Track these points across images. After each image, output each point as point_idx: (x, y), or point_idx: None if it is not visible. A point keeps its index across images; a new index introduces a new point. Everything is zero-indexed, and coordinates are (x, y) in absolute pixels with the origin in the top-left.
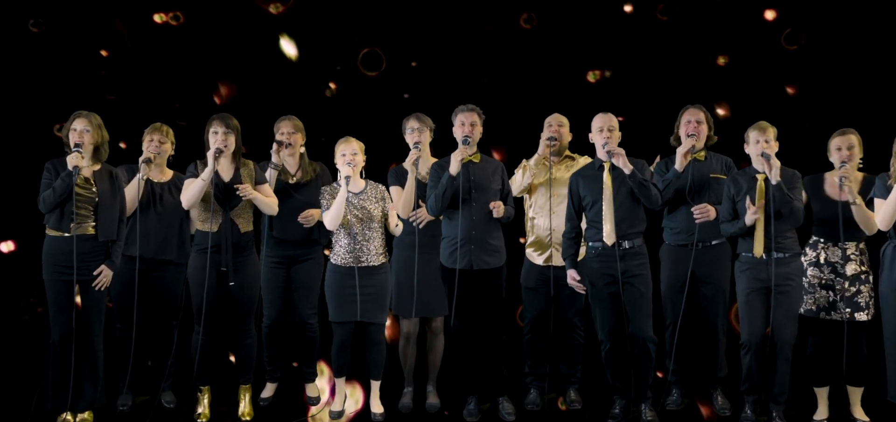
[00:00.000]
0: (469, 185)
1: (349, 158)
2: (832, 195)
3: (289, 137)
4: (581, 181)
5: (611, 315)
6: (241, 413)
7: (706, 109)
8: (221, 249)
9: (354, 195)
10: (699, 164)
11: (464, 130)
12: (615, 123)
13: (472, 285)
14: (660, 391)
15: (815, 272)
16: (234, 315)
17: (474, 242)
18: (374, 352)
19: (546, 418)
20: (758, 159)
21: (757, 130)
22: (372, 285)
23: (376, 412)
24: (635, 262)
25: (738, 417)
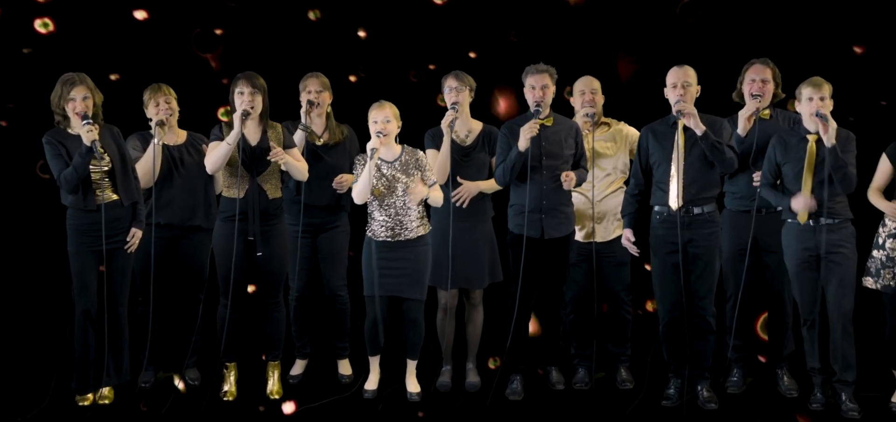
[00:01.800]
0: (540, 152)
1: (380, 126)
2: None
3: (317, 96)
4: (651, 138)
5: (672, 287)
6: (270, 391)
7: (773, 63)
8: (248, 216)
9: (387, 164)
10: (764, 124)
11: (534, 95)
12: (692, 77)
13: (541, 254)
14: (719, 370)
15: (894, 244)
16: (263, 287)
17: (545, 211)
18: (411, 330)
19: (595, 397)
20: (810, 119)
21: (811, 86)
22: (409, 259)
23: (412, 392)
24: (705, 230)
25: (807, 399)
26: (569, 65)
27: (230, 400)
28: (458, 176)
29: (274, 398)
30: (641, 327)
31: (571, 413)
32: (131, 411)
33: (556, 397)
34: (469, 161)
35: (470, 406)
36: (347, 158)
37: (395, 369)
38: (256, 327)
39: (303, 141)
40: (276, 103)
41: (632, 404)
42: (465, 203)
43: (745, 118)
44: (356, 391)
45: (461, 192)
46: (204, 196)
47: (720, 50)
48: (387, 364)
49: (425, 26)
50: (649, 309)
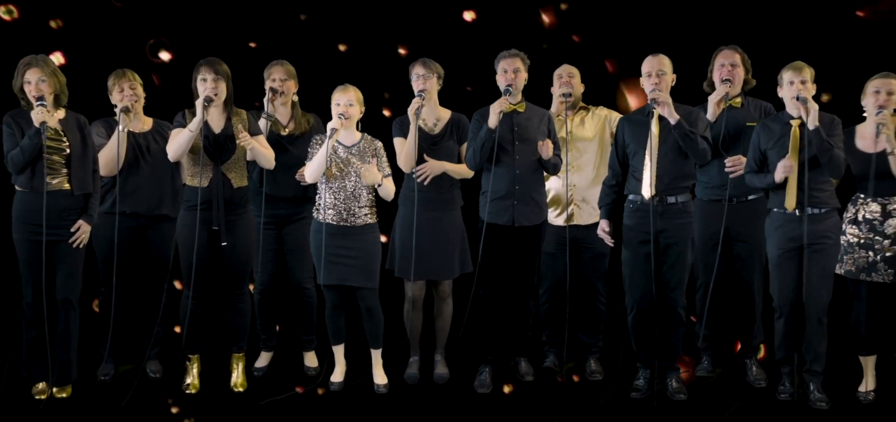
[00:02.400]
0: (512, 136)
1: (342, 109)
2: (864, 148)
3: (281, 85)
4: (627, 127)
5: (643, 277)
6: (234, 384)
7: (742, 49)
8: (212, 206)
9: (345, 148)
10: (734, 111)
11: (506, 78)
12: (667, 65)
13: (512, 243)
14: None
15: (854, 231)
16: (228, 278)
17: (517, 197)
18: (369, 320)
19: (563, 388)
20: (792, 103)
21: (792, 70)
22: (357, 247)
23: (379, 383)
24: (679, 220)
25: (774, 389)
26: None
27: (193, 393)
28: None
29: (238, 391)
30: (614, 319)
31: (540, 405)
32: (89, 405)
33: (525, 387)
34: (437, 149)
35: (438, 398)
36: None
37: (362, 360)
38: (221, 319)
39: (266, 130)
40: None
41: (601, 396)
42: (427, 180)
43: (715, 103)
44: (322, 383)
45: (425, 169)
46: (171, 184)
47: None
48: (354, 356)
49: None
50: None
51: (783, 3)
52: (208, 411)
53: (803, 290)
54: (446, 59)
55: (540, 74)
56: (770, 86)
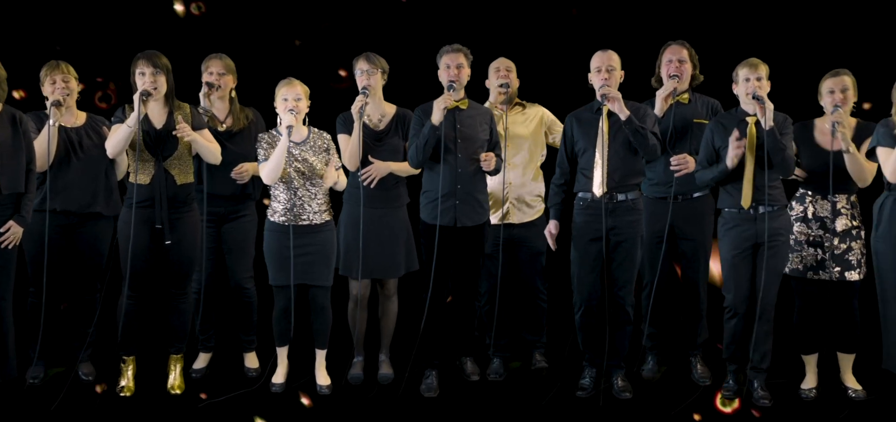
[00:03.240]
0: (455, 134)
1: (291, 104)
2: (822, 143)
3: (218, 79)
4: (576, 124)
5: (592, 276)
6: (171, 386)
7: (690, 45)
8: (155, 203)
9: (296, 145)
10: (682, 107)
11: (449, 73)
12: (616, 61)
13: (455, 243)
14: (634, 358)
15: (802, 228)
16: (170, 277)
17: (459, 196)
18: (319, 318)
19: (511, 386)
20: (748, 101)
21: (747, 67)
22: (314, 244)
23: (322, 384)
24: (629, 217)
25: (718, 387)
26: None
27: (127, 396)
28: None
29: (175, 393)
30: (557, 315)
31: (486, 405)
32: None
33: (471, 388)
34: (382, 146)
35: (382, 399)
36: (252, 142)
37: (304, 361)
38: (160, 319)
39: None
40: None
41: (546, 395)
42: (373, 183)
43: (662, 99)
44: (263, 385)
45: (370, 171)
46: (104, 182)
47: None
48: (296, 356)
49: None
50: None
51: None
52: (144, 414)
53: (755, 288)
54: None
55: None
56: (717, 81)
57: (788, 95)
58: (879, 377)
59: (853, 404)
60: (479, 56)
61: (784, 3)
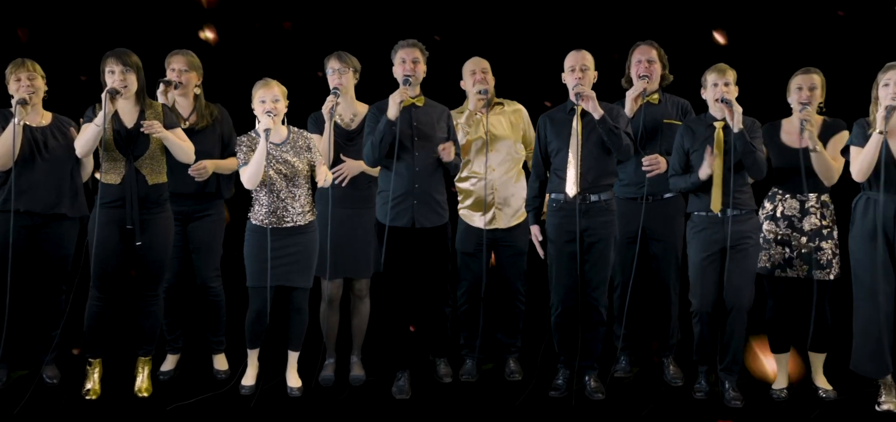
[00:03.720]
0: (411, 131)
1: (269, 106)
2: (789, 142)
3: (181, 75)
4: (549, 124)
5: (567, 276)
6: (138, 388)
7: (659, 45)
8: (126, 203)
9: (275, 147)
10: (652, 108)
11: (404, 68)
12: (590, 61)
13: (414, 245)
14: (607, 359)
15: (771, 226)
16: (142, 279)
17: (416, 196)
18: (296, 321)
19: (483, 389)
20: (716, 105)
21: (715, 72)
22: (296, 246)
23: (293, 386)
24: (602, 218)
25: (691, 387)
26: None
27: (93, 399)
28: (342, 156)
29: (143, 396)
30: (533, 318)
31: (458, 406)
32: None
33: (443, 390)
34: (354, 146)
35: (354, 401)
36: (219, 142)
37: (275, 362)
38: (129, 321)
39: None
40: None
41: (520, 396)
42: (345, 182)
43: (632, 99)
44: (233, 387)
45: (342, 169)
46: (70, 182)
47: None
48: (266, 358)
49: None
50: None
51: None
52: (110, 417)
53: (725, 290)
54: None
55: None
56: (687, 82)
57: (757, 97)
58: (850, 377)
59: (824, 404)
60: (454, 54)
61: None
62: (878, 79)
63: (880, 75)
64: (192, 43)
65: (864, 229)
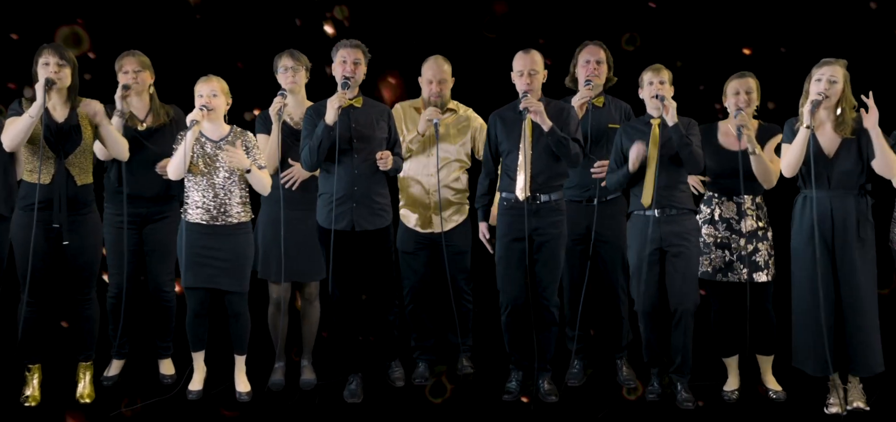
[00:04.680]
0: (350, 134)
1: (206, 100)
2: (726, 145)
3: (135, 77)
4: (499, 124)
5: (517, 275)
6: (80, 394)
7: (605, 45)
8: (54, 203)
9: (213, 143)
10: (597, 111)
11: (345, 69)
12: (539, 64)
13: (355, 249)
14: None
15: (710, 231)
16: (71, 282)
17: (356, 199)
18: (236, 325)
19: (436, 390)
20: (652, 103)
21: (651, 71)
22: (229, 248)
23: (242, 391)
24: (552, 218)
25: (644, 389)
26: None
27: (33, 405)
28: (290, 161)
29: (85, 402)
30: (483, 317)
31: (411, 410)
32: None
33: (395, 393)
34: None
35: (304, 406)
36: (172, 140)
37: (223, 367)
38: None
39: (121, 128)
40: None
41: (472, 398)
42: (295, 186)
43: (578, 105)
44: (179, 392)
45: (292, 173)
46: (3, 181)
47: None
48: (214, 362)
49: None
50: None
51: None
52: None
53: (669, 295)
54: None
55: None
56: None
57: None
58: (799, 377)
59: (774, 405)
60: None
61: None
62: (812, 73)
63: (814, 70)
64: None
65: (803, 228)
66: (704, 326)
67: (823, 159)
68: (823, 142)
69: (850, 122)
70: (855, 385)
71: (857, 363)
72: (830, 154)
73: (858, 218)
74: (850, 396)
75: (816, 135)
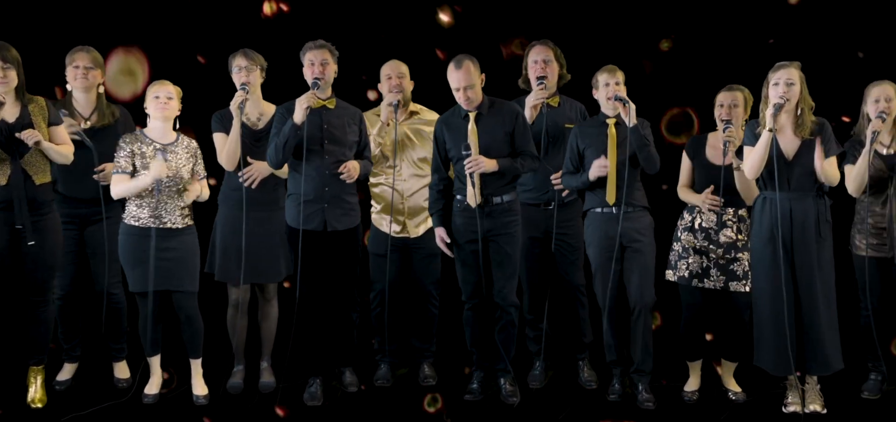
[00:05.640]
0: (321, 134)
1: (162, 102)
2: (713, 158)
3: (85, 74)
4: (446, 130)
5: (473, 275)
6: (32, 399)
7: (555, 44)
8: (14, 205)
9: (160, 147)
10: (553, 111)
11: (314, 71)
12: (475, 75)
13: (325, 248)
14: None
15: (689, 237)
16: (29, 284)
17: (327, 199)
18: (187, 326)
19: (396, 394)
20: (608, 104)
21: (606, 72)
22: (174, 248)
23: (199, 394)
24: (505, 219)
25: (605, 390)
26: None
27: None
28: (249, 159)
29: (36, 407)
30: (448, 322)
31: (371, 412)
32: None
33: (356, 396)
34: (261, 146)
35: (264, 409)
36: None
37: (180, 370)
38: (19, 328)
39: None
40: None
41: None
42: (254, 183)
43: (531, 107)
44: (134, 396)
45: (251, 171)
46: None
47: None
48: (171, 366)
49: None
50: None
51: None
52: None
53: (628, 292)
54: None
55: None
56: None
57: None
58: (758, 378)
59: (733, 406)
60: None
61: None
62: (769, 78)
63: (770, 74)
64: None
65: (763, 228)
66: (670, 327)
67: (783, 161)
68: (783, 144)
69: (809, 123)
70: (812, 386)
71: (815, 363)
72: (790, 156)
73: (818, 218)
74: (808, 397)
75: (777, 137)
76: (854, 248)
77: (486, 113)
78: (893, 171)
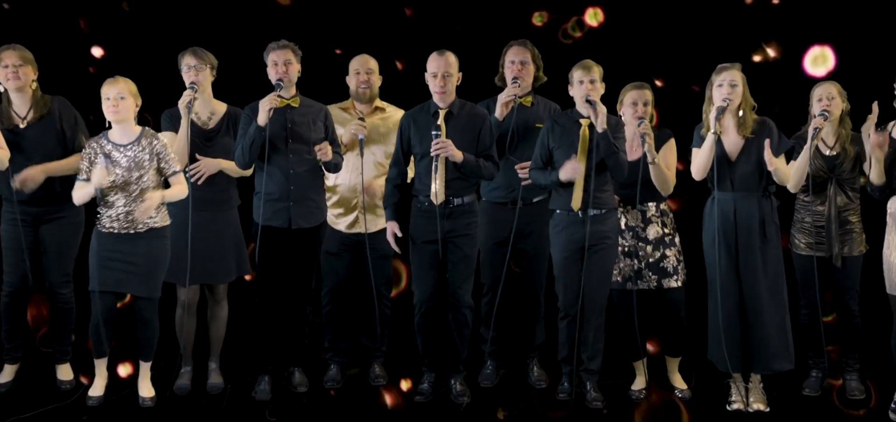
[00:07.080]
0: (285, 134)
1: (113, 103)
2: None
3: (15, 72)
4: (412, 127)
5: (429, 277)
6: None
7: (534, 45)
8: None
9: (121, 147)
10: (525, 110)
11: (277, 71)
12: (453, 65)
13: (288, 245)
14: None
15: (619, 240)
16: None
17: (293, 198)
18: (144, 331)
19: (345, 395)
20: (582, 103)
21: (581, 69)
22: (140, 254)
23: (145, 397)
24: (464, 220)
25: (554, 388)
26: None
27: None
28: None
29: None
30: (398, 321)
31: (320, 412)
32: None
33: (306, 395)
34: (212, 146)
35: (212, 410)
36: (56, 136)
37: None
38: None
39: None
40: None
41: (382, 401)
42: (201, 180)
43: (502, 104)
44: (78, 399)
45: (199, 167)
46: None
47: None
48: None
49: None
50: None
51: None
52: None
53: (583, 291)
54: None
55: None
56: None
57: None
58: (703, 373)
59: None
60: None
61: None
62: (712, 80)
63: (714, 76)
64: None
65: (712, 230)
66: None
67: (726, 162)
68: (727, 145)
69: (751, 123)
70: (755, 385)
71: (758, 362)
72: (733, 156)
73: (762, 219)
74: (751, 395)
75: (721, 139)
76: (793, 247)
77: (457, 113)
78: (833, 172)
